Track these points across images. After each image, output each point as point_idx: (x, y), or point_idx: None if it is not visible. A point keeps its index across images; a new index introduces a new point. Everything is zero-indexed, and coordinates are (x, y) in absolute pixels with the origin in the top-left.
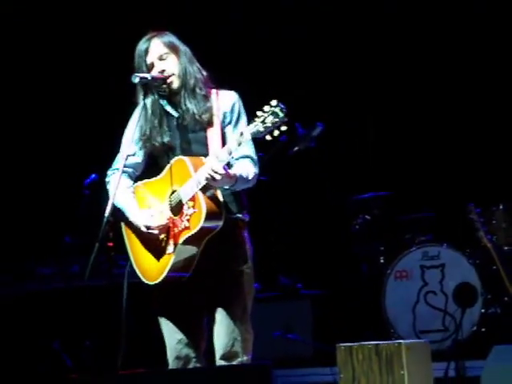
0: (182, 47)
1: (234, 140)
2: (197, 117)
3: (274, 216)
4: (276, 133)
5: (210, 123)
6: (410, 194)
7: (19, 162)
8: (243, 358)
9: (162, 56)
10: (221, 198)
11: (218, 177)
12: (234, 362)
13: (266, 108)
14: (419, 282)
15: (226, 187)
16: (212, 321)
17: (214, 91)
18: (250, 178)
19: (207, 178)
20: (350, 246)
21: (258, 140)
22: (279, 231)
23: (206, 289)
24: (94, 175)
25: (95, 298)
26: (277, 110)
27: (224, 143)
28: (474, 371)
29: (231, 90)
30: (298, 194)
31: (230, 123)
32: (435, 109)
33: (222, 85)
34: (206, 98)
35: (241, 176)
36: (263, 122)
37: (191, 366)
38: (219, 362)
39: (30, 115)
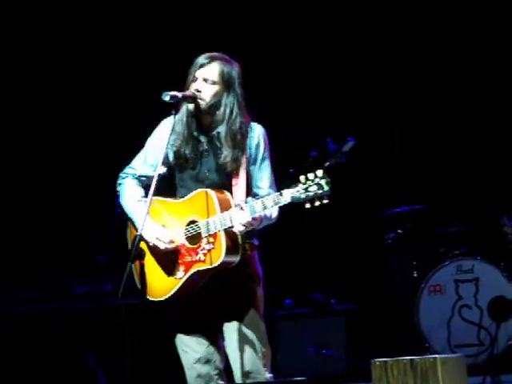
0: (238, 87)
1: (270, 199)
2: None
3: (306, 232)
4: (317, 203)
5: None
6: (444, 208)
7: (54, 183)
8: (266, 375)
9: (208, 80)
10: (239, 235)
11: (249, 228)
12: (256, 379)
13: (311, 176)
14: (453, 296)
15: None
16: (229, 339)
17: None
18: (273, 216)
19: (240, 231)
20: (383, 261)
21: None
22: (311, 247)
23: (221, 308)
24: None
25: (128, 316)
26: (322, 182)
27: (248, 178)
28: None
29: (260, 113)
30: (330, 209)
31: (254, 162)
32: (469, 123)
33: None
34: (242, 144)
35: (265, 216)
36: (306, 189)
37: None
38: (241, 379)
39: (65, 134)
